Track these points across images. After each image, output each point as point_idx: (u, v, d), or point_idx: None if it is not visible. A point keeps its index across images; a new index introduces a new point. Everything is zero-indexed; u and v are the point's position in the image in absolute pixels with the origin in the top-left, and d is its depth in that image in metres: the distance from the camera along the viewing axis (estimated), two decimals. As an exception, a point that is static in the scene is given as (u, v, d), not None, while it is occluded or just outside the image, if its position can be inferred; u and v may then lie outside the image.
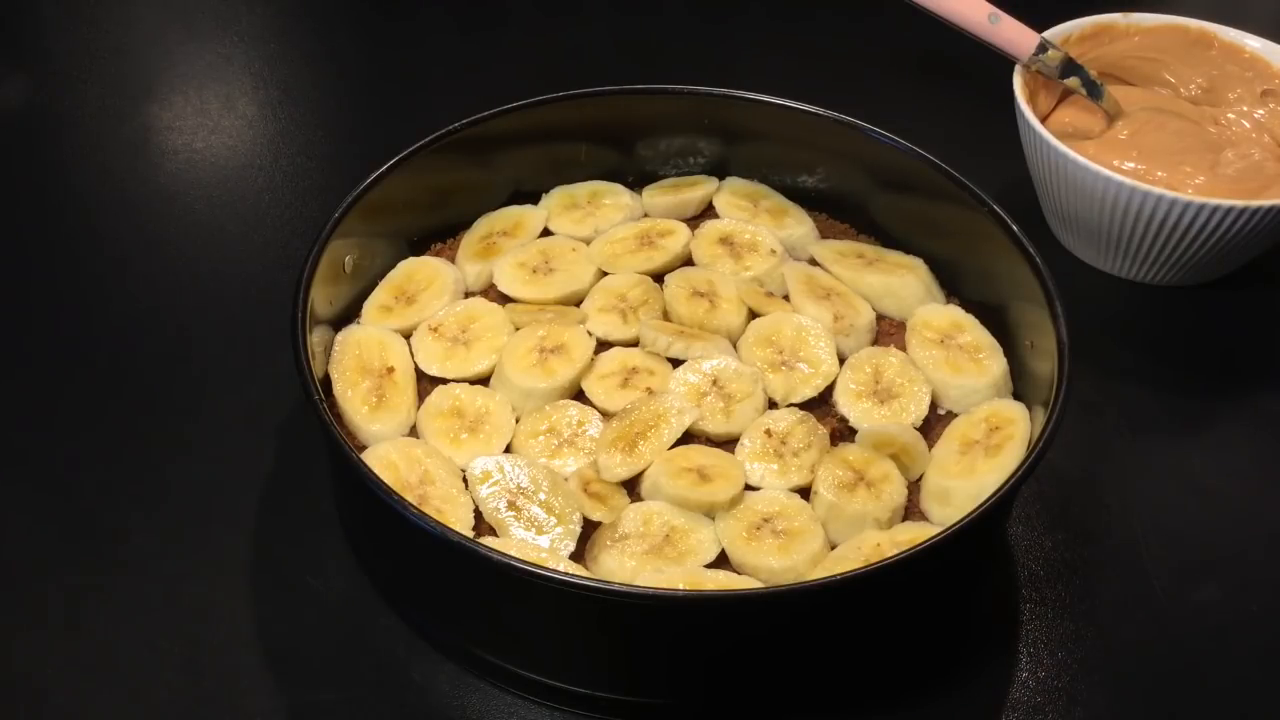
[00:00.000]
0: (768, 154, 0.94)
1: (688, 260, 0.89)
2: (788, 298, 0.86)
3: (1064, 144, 0.94)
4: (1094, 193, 0.93)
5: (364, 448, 0.75)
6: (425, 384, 0.80)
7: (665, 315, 0.84)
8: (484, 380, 0.80)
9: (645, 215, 0.93)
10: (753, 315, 0.84)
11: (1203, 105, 1.05)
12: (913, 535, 0.72)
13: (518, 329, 0.82)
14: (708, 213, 0.93)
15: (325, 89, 1.18)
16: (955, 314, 0.85)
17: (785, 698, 0.73)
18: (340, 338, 0.81)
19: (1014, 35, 1.00)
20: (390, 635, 0.76)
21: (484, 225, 0.90)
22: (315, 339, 0.76)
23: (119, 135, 1.10)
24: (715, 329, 0.83)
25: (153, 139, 1.10)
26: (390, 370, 0.79)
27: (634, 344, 0.82)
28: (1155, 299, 1.00)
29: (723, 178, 0.95)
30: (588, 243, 0.89)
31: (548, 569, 0.64)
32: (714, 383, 0.79)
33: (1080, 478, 0.87)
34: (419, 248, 0.89)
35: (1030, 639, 0.78)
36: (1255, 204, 0.90)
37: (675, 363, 0.80)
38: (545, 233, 0.90)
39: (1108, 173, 0.92)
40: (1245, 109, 1.03)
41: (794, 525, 0.73)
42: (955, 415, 0.80)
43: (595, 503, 0.73)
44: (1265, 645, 0.79)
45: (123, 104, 1.13)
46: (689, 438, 0.77)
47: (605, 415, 0.78)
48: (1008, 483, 0.68)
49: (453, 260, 0.88)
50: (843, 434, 0.78)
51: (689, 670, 0.71)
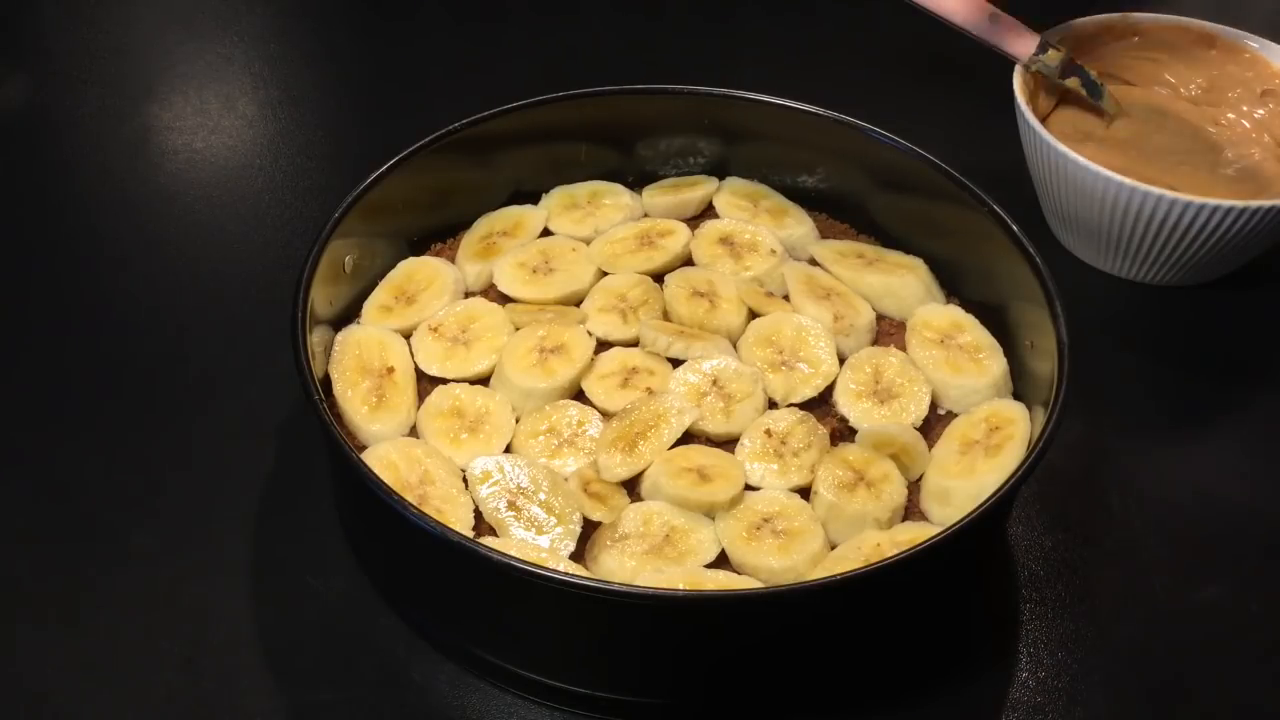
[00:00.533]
0: (768, 154, 0.94)
1: (688, 260, 0.89)
2: (788, 298, 0.86)
3: (1064, 144, 0.94)
4: (1094, 193, 0.93)
5: (364, 448, 0.75)
6: (425, 384, 0.80)
7: (665, 315, 0.84)
8: (484, 380, 0.80)
9: (645, 215, 0.93)
10: (753, 315, 0.84)
11: (1203, 105, 1.05)
12: (913, 535, 0.72)
13: (518, 329, 0.82)
14: (708, 213, 0.93)
15: (325, 89, 1.18)
16: (955, 314, 0.85)
17: (785, 697, 0.73)
18: (340, 338, 0.81)
19: (1014, 35, 1.00)
20: (390, 635, 0.76)
21: (484, 225, 0.90)
22: (315, 339, 0.76)
23: (119, 135, 1.10)
24: (715, 329, 0.83)
25: (153, 139, 1.10)
26: (390, 370, 0.79)
27: (634, 344, 0.82)
28: (1155, 299, 1.00)
29: (723, 178, 0.95)
30: (588, 243, 0.89)
31: (548, 569, 0.64)
32: (714, 383, 0.79)
33: (1080, 478, 0.87)
34: (419, 248, 0.89)
35: (1030, 639, 0.78)
36: (1255, 204, 0.90)
37: (675, 363, 0.80)
38: (545, 233, 0.90)
39: (1108, 173, 0.91)
40: (1245, 109, 1.03)
41: (794, 525, 0.73)
42: (955, 415, 0.80)
43: (595, 503, 0.73)
44: (1265, 645, 0.79)
45: (123, 104, 1.13)
46: (689, 438, 0.77)
47: (605, 415, 0.78)
48: (1008, 483, 0.68)
49: (453, 260, 0.88)
50: (843, 434, 0.78)
51: (689, 670, 0.71)
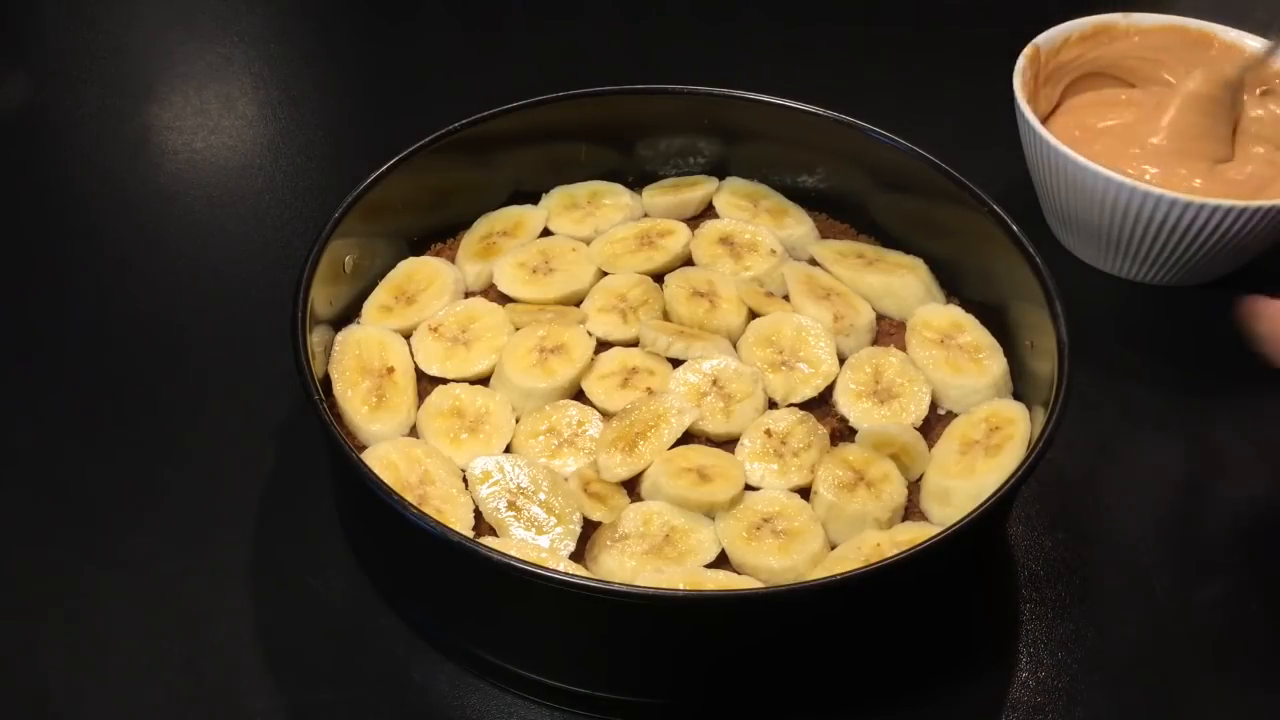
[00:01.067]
0: (768, 154, 0.94)
1: (688, 260, 0.89)
2: (788, 298, 0.86)
3: (1065, 145, 0.94)
4: (1094, 193, 0.93)
5: (364, 448, 0.75)
6: (425, 384, 0.80)
7: (665, 315, 0.84)
8: (484, 380, 0.80)
9: (645, 215, 0.93)
10: (753, 315, 0.84)
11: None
12: (913, 535, 0.71)
13: (518, 329, 0.82)
14: (708, 213, 0.93)
15: (325, 89, 1.18)
16: (955, 314, 0.85)
17: (785, 697, 0.73)
18: (340, 338, 0.81)
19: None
20: (390, 635, 0.76)
21: (484, 225, 0.90)
22: (315, 339, 0.76)
23: (119, 135, 1.10)
24: (715, 329, 0.83)
25: (153, 139, 1.10)
26: (390, 370, 0.79)
27: (634, 344, 0.82)
28: (1155, 299, 1.00)
29: (723, 178, 0.95)
30: (588, 243, 0.89)
31: (548, 569, 0.64)
32: (714, 383, 0.79)
33: (1080, 478, 0.87)
34: (419, 248, 0.89)
35: (1030, 639, 0.78)
36: (1255, 204, 0.90)
37: (675, 363, 0.80)
38: (545, 233, 0.90)
39: (1108, 173, 0.92)
40: (1245, 109, 1.03)
41: (794, 525, 0.72)
42: (955, 415, 0.80)
43: (595, 503, 0.73)
44: (1265, 645, 0.79)
45: (123, 104, 1.13)
46: (689, 438, 0.77)
47: (605, 415, 0.78)
48: (1008, 483, 0.68)
49: (453, 260, 0.88)
50: (843, 434, 0.78)
51: (689, 670, 0.71)
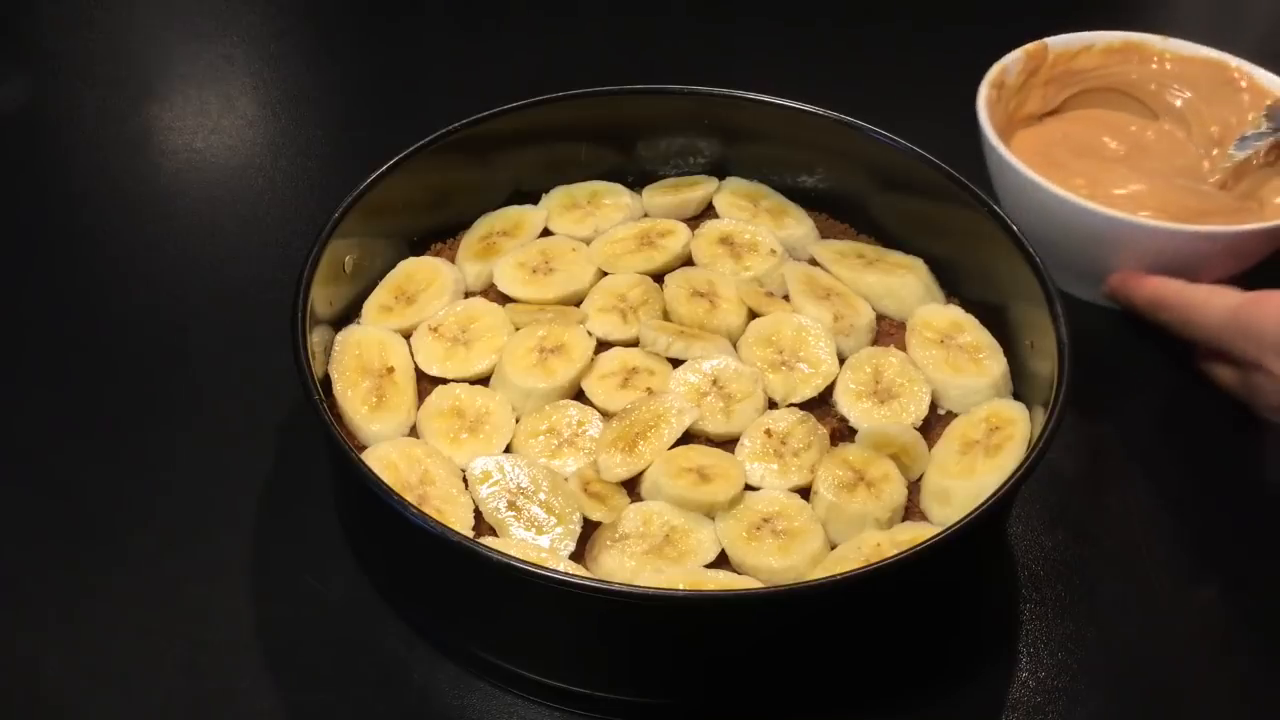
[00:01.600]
0: (768, 154, 0.94)
1: (688, 260, 0.89)
2: (788, 298, 0.86)
3: (993, 133, 0.93)
4: (1057, 218, 0.90)
5: (364, 448, 0.75)
6: (425, 384, 0.80)
7: (665, 315, 0.84)
8: (484, 380, 0.80)
9: (645, 215, 0.93)
10: (753, 315, 0.84)
11: (1176, 128, 1.03)
12: (913, 535, 0.71)
13: (518, 329, 0.82)
14: (708, 213, 0.93)
15: (325, 89, 1.18)
16: (955, 314, 0.85)
17: (785, 697, 0.73)
18: (340, 338, 0.81)
19: None
20: (390, 635, 0.76)
21: (484, 225, 0.90)
22: (315, 339, 0.76)
23: (119, 135, 1.10)
24: (715, 329, 0.83)
25: (153, 139, 1.09)
26: (390, 370, 0.79)
27: (634, 344, 0.82)
28: (1155, 299, 1.00)
29: (723, 178, 0.95)
30: (588, 243, 0.89)
31: (548, 569, 0.64)
32: (714, 383, 0.79)
33: (1080, 478, 0.87)
34: (419, 248, 0.89)
35: (1030, 639, 0.78)
36: (1214, 229, 0.88)
37: (675, 363, 0.80)
38: (545, 233, 0.90)
39: (1074, 199, 0.89)
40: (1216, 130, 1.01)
41: (794, 525, 0.72)
42: (955, 415, 0.80)
43: (595, 503, 0.73)
44: (1265, 645, 0.79)
45: (123, 104, 1.13)
46: (689, 438, 0.77)
47: (605, 415, 0.78)
48: (1008, 483, 0.68)
49: (453, 260, 0.88)
50: (843, 434, 0.78)
51: (689, 670, 0.71)
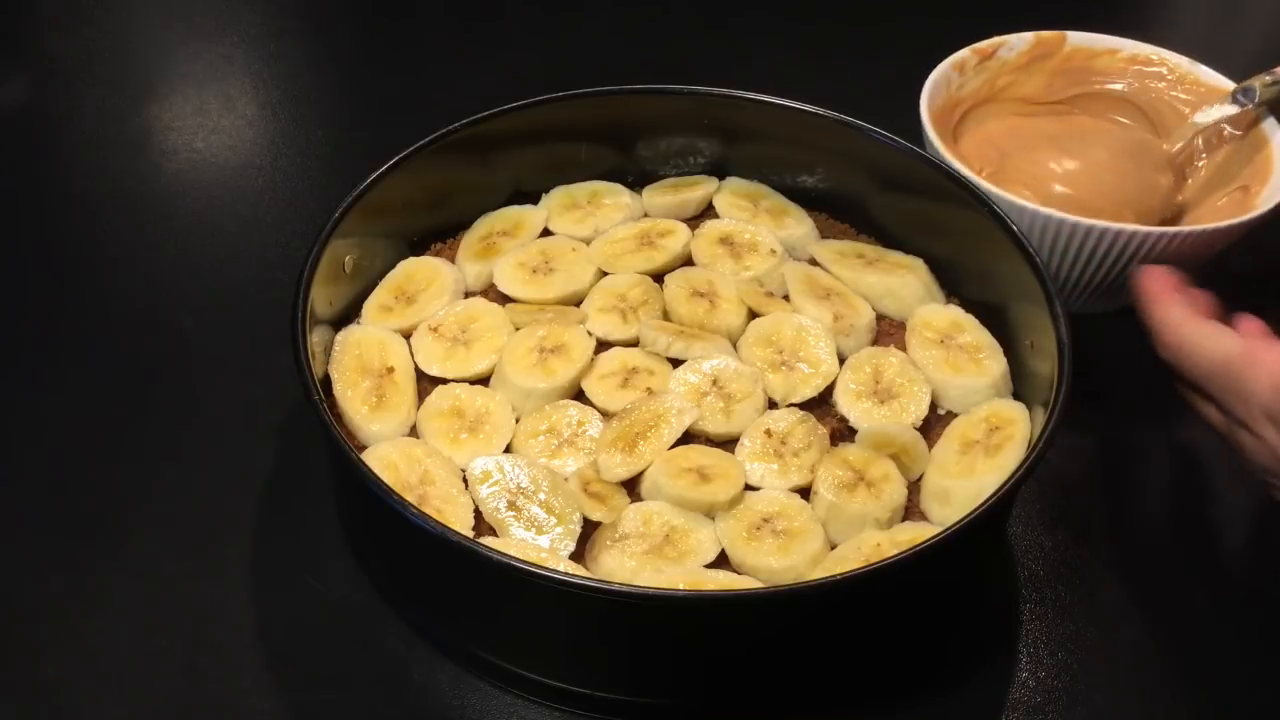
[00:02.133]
0: (768, 154, 0.94)
1: (688, 260, 0.89)
2: (788, 298, 0.86)
3: (933, 131, 0.93)
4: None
5: (364, 448, 0.75)
6: (425, 384, 0.80)
7: (665, 315, 0.84)
8: (484, 380, 0.80)
9: (645, 215, 0.93)
10: (753, 315, 0.84)
11: (1130, 124, 1.03)
12: (913, 535, 0.71)
13: (518, 329, 0.82)
14: (708, 213, 0.93)
15: (325, 89, 1.18)
16: (955, 314, 0.85)
17: (785, 697, 0.73)
18: (340, 338, 0.81)
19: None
20: (390, 635, 0.76)
21: (484, 225, 0.90)
22: (315, 339, 0.76)
23: (119, 135, 1.10)
24: (715, 329, 0.83)
25: (153, 139, 1.10)
26: (390, 370, 0.79)
27: (634, 344, 0.82)
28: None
29: (723, 178, 0.95)
30: (588, 243, 0.89)
31: (548, 569, 0.64)
32: (714, 383, 0.79)
33: (1080, 478, 0.87)
34: (419, 248, 0.89)
35: (1030, 639, 0.78)
36: (1154, 230, 0.86)
37: (675, 363, 0.80)
38: (545, 233, 0.90)
39: (1021, 202, 0.88)
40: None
41: (794, 525, 0.72)
42: (955, 415, 0.80)
43: (595, 503, 0.73)
44: (1265, 645, 0.79)
45: (123, 104, 1.13)
46: (689, 438, 0.77)
47: (605, 415, 0.78)
48: (1008, 483, 0.68)
49: (453, 260, 0.88)
50: (843, 434, 0.78)
51: (689, 670, 0.71)
